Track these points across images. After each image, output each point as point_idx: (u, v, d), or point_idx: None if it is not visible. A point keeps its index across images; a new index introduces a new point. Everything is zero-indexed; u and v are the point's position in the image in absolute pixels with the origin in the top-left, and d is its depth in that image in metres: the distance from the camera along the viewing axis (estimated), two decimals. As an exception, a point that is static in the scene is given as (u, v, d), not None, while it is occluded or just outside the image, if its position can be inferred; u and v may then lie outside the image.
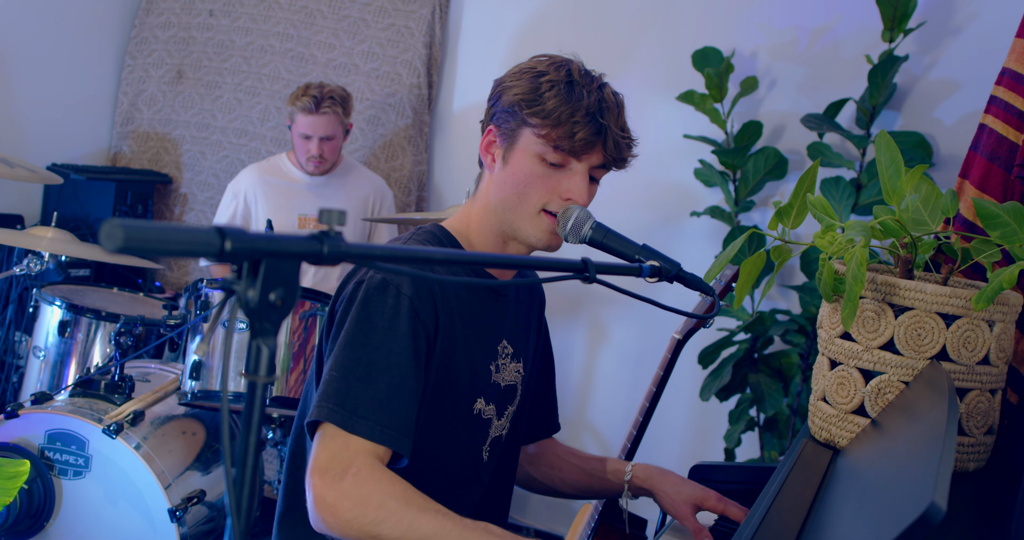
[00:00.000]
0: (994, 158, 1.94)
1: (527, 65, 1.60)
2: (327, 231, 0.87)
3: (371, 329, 1.46)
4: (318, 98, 3.42)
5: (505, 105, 1.57)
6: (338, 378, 1.43)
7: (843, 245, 1.41)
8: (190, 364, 2.76)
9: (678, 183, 3.52)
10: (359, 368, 1.43)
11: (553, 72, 1.56)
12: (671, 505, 1.78)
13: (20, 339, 3.63)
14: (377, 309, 1.47)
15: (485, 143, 1.62)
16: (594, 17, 3.72)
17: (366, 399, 1.41)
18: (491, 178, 1.62)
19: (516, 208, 1.58)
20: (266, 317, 0.79)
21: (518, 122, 1.56)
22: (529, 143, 1.56)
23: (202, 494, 2.63)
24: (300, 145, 3.52)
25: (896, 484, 0.97)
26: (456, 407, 1.59)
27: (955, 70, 3.04)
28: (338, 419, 1.40)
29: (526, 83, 1.56)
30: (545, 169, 1.56)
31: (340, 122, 3.49)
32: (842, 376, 1.46)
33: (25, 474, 2.05)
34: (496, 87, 1.62)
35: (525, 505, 3.85)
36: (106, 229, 0.69)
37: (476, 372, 1.61)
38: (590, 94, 1.55)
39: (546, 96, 1.53)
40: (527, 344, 1.78)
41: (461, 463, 1.63)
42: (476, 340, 1.61)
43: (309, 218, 3.60)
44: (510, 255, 1.65)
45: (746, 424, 3.22)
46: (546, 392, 1.95)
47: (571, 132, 1.53)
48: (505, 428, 1.72)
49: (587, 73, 1.60)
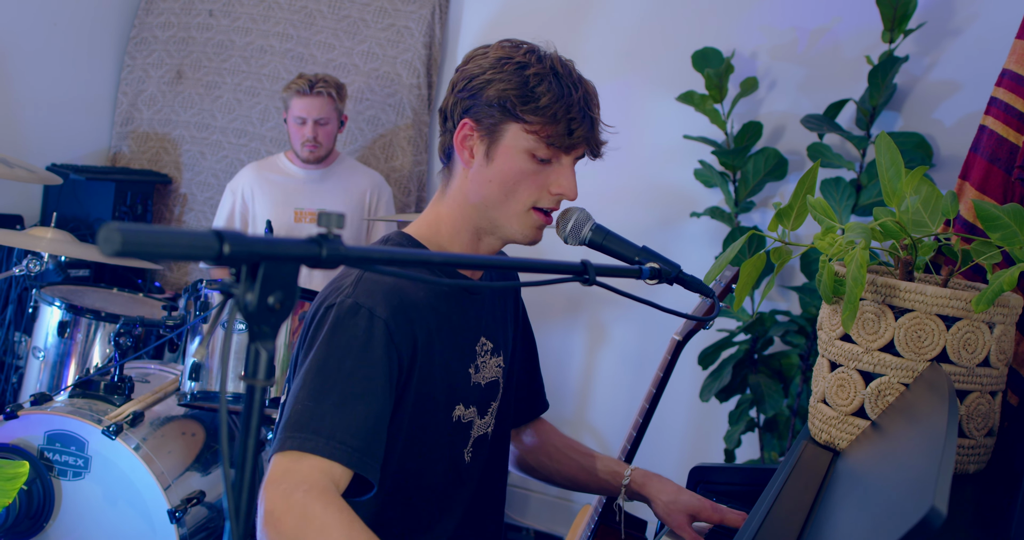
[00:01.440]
0: (994, 160, 1.94)
1: (500, 54, 1.52)
2: (326, 234, 0.86)
3: (344, 354, 1.40)
4: (312, 81, 3.45)
5: (490, 99, 1.50)
6: (312, 407, 1.37)
7: (843, 247, 1.41)
8: (189, 365, 2.75)
9: (678, 184, 3.52)
10: (333, 396, 1.38)
11: (536, 64, 1.50)
12: (666, 514, 1.76)
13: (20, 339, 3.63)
14: (349, 333, 1.41)
15: (460, 137, 1.54)
16: (594, 17, 3.72)
17: (340, 423, 1.35)
18: (467, 175, 1.56)
19: (502, 205, 1.54)
20: (265, 320, 0.79)
21: (504, 117, 1.50)
22: (517, 139, 1.51)
23: (201, 495, 2.63)
24: (295, 131, 3.53)
25: (896, 487, 0.96)
26: (435, 419, 1.55)
27: (955, 71, 3.04)
28: (315, 447, 1.34)
29: (512, 76, 1.49)
30: (534, 165, 1.52)
31: (334, 107, 3.50)
32: (842, 378, 1.46)
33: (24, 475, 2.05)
34: (469, 78, 1.53)
35: (525, 506, 3.85)
36: (104, 233, 0.69)
37: (454, 381, 1.58)
38: (576, 87, 1.52)
39: (538, 91, 1.49)
40: (506, 335, 1.74)
41: (443, 470, 1.60)
42: (454, 348, 1.57)
43: (305, 211, 3.61)
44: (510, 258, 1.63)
45: (746, 425, 3.22)
46: (531, 374, 1.92)
47: (568, 129, 1.50)
48: (490, 425, 1.70)
49: (564, 63, 1.54)
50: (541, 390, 1.95)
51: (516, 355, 1.81)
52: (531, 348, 1.91)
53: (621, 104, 3.61)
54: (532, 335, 1.90)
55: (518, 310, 1.83)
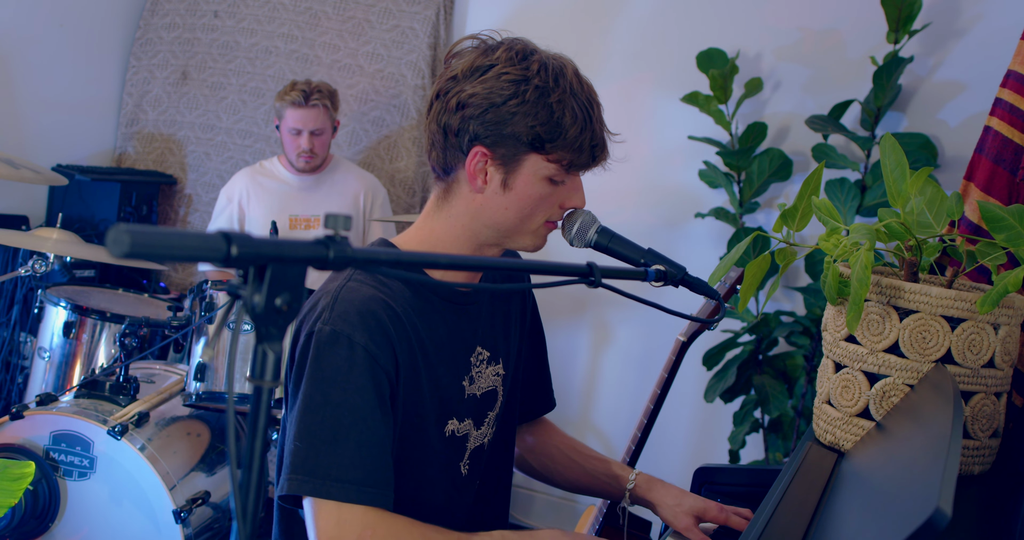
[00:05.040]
0: (999, 161, 1.94)
1: (512, 74, 1.46)
2: (332, 236, 0.86)
3: (329, 386, 1.39)
4: (307, 92, 3.44)
5: (516, 134, 1.46)
6: (304, 448, 1.37)
7: (848, 248, 1.41)
8: (195, 365, 2.76)
9: (682, 184, 3.52)
10: (324, 431, 1.37)
11: (555, 87, 1.46)
12: (672, 517, 1.74)
13: (25, 340, 3.64)
14: (331, 364, 1.40)
15: (472, 164, 1.49)
16: (599, 18, 3.72)
17: (338, 462, 1.36)
18: (477, 198, 1.52)
19: (518, 227, 1.53)
20: (272, 322, 0.79)
21: (527, 149, 1.47)
22: (537, 168, 1.48)
23: (207, 495, 2.64)
24: (290, 142, 3.53)
25: (901, 488, 0.97)
26: (427, 436, 1.54)
27: (960, 71, 3.04)
28: (315, 489, 1.36)
29: (537, 109, 1.45)
30: (551, 188, 1.51)
31: (329, 116, 3.51)
32: (847, 379, 1.46)
33: (30, 475, 2.05)
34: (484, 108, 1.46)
35: (529, 506, 3.85)
36: (112, 235, 0.69)
37: (445, 396, 1.56)
38: (592, 105, 1.49)
39: (564, 123, 1.45)
40: (508, 340, 1.72)
41: (440, 485, 1.59)
42: (443, 362, 1.56)
43: (300, 218, 3.61)
44: (516, 260, 1.63)
45: (750, 426, 3.21)
46: (539, 371, 1.90)
47: (592, 156, 1.50)
48: (487, 436, 1.68)
49: (574, 73, 1.50)
50: (549, 388, 1.93)
51: (521, 358, 1.80)
52: (540, 346, 1.89)
53: (626, 105, 3.61)
54: (542, 333, 1.88)
55: (525, 310, 1.81)
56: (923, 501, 0.82)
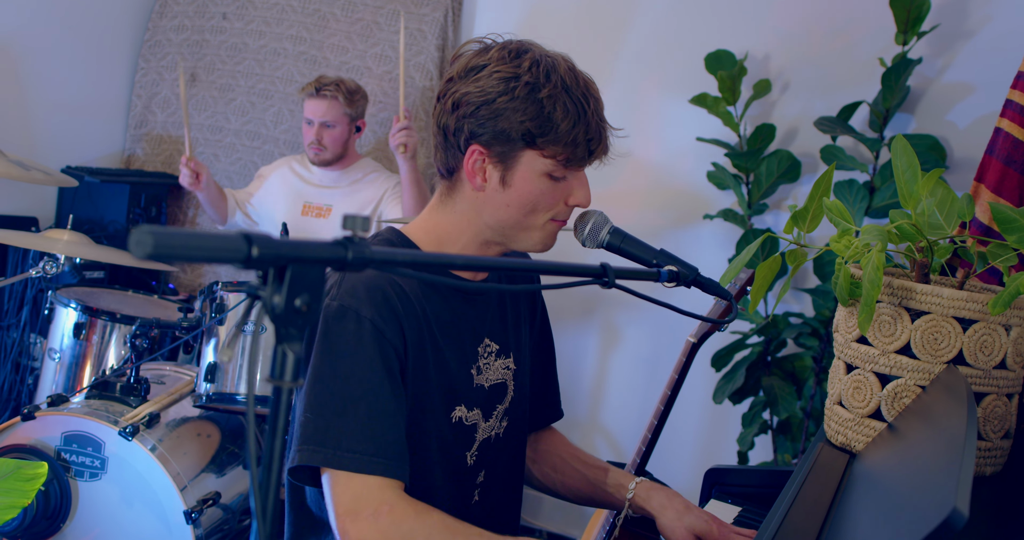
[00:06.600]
0: (1010, 162, 1.94)
1: (503, 72, 1.47)
2: (351, 236, 0.87)
3: (337, 359, 1.42)
4: (320, 84, 3.48)
5: (506, 131, 1.47)
6: (313, 419, 1.39)
7: (859, 249, 1.42)
8: (205, 366, 2.77)
9: (691, 186, 3.53)
10: (333, 403, 1.40)
11: (546, 82, 1.47)
12: (671, 533, 1.70)
13: (35, 341, 3.65)
14: (339, 338, 1.42)
15: (470, 163, 1.51)
16: (607, 20, 3.72)
17: (348, 433, 1.38)
18: (479, 197, 1.54)
19: (521, 224, 1.55)
20: (292, 323, 0.80)
21: (521, 145, 1.49)
22: (534, 164, 1.50)
23: (217, 496, 2.65)
24: (305, 132, 3.56)
25: (916, 489, 0.97)
26: (433, 420, 1.55)
27: (969, 73, 3.04)
28: (326, 459, 1.38)
29: (526, 105, 1.46)
30: (552, 184, 1.52)
31: (343, 111, 3.49)
32: (858, 380, 1.46)
33: (43, 476, 2.06)
34: (476, 105, 1.48)
35: (538, 508, 3.85)
36: (135, 236, 0.70)
37: (453, 381, 1.58)
38: (587, 99, 1.49)
39: (555, 118, 1.46)
40: (518, 337, 1.73)
41: (444, 472, 1.59)
42: (451, 348, 1.57)
43: (312, 206, 3.62)
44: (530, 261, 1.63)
45: (759, 427, 3.21)
46: (546, 380, 1.90)
47: (588, 150, 1.50)
48: (497, 428, 1.69)
49: (569, 69, 1.51)
50: (556, 399, 1.93)
51: (531, 356, 1.80)
52: (549, 353, 1.89)
53: (634, 106, 3.61)
54: (551, 340, 1.89)
55: (534, 311, 1.82)
56: (939, 502, 0.82)
